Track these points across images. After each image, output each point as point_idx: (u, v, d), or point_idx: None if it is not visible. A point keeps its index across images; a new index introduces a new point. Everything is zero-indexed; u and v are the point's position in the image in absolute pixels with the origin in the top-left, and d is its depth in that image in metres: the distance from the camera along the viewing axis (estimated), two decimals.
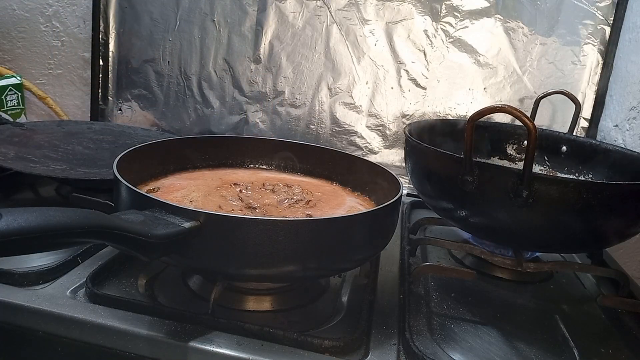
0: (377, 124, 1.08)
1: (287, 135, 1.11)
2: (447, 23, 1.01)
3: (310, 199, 0.67)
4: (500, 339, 0.56)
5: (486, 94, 1.03)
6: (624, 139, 0.90)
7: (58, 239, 0.36)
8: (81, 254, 0.62)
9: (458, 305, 0.63)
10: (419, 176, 0.72)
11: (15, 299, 0.52)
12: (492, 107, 0.55)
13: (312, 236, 0.48)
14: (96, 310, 0.52)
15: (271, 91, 1.11)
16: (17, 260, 0.56)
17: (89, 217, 0.39)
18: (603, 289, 0.72)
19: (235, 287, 0.57)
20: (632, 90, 0.89)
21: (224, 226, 0.47)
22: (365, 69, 1.06)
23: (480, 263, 0.73)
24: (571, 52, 0.99)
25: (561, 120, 1.00)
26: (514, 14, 0.99)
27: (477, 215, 0.63)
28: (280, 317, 0.56)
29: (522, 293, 0.68)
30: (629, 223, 0.61)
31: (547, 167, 0.90)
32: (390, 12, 1.03)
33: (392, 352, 0.51)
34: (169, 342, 0.48)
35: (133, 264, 0.62)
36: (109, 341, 0.50)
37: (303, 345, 0.49)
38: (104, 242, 0.42)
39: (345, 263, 0.56)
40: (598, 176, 0.83)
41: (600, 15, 0.97)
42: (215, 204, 0.61)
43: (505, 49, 1.01)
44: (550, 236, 0.61)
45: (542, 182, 0.56)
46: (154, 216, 0.46)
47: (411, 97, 1.05)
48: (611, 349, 0.57)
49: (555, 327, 0.58)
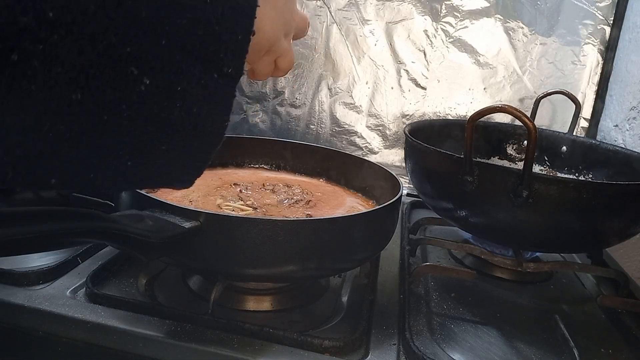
0: (377, 124, 1.08)
1: (287, 135, 1.11)
2: (447, 23, 1.01)
3: (310, 199, 0.67)
4: (500, 339, 0.56)
5: (486, 94, 1.03)
6: (624, 139, 0.90)
7: (58, 239, 0.36)
8: (81, 254, 0.62)
9: (458, 305, 0.63)
10: (419, 176, 0.72)
11: (15, 299, 0.52)
12: (492, 107, 0.55)
13: (312, 236, 0.48)
14: (96, 310, 0.52)
15: (271, 91, 1.11)
16: (17, 260, 0.56)
17: (89, 217, 0.39)
18: (603, 289, 0.72)
19: (235, 287, 0.57)
20: (632, 90, 0.89)
21: (224, 226, 0.47)
22: (365, 69, 1.06)
23: (480, 263, 0.73)
24: (571, 52, 0.99)
25: (561, 120, 1.00)
26: (514, 14, 0.99)
27: (477, 215, 0.63)
28: (280, 317, 0.56)
29: (522, 293, 0.68)
30: (629, 223, 0.61)
31: (547, 167, 0.90)
32: (390, 12, 1.03)
33: (392, 352, 0.51)
34: (169, 342, 0.48)
35: (133, 264, 0.62)
36: (109, 341, 0.50)
37: (303, 345, 0.49)
38: (104, 242, 0.42)
39: (345, 263, 0.56)
40: (598, 176, 0.83)
41: (600, 15, 0.97)
42: (215, 204, 0.61)
43: (505, 49, 1.01)
44: (550, 236, 0.61)
45: (542, 182, 0.56)
46: (154, 216, 0.46)
47: (411, 97, 1.05)
48: (611, 349, 0.57)
49: (555, 327, 0.58)
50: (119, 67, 0.22)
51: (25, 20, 0.19)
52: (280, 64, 0.43)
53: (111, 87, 0.22)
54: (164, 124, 0.26)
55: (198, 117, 0.27)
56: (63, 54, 0.20)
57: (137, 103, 0.24)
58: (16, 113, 0.20)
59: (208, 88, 0.26)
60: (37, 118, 0.21)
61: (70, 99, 0.21)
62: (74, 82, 0.21)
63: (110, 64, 0.22)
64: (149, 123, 0.25)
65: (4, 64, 0.19)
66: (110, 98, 0.23)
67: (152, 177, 0.28)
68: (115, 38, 0.22)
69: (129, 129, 0.24)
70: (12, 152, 0.21)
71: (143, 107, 0.24)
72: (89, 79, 0.22)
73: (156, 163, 0.27)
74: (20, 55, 0.19)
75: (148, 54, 0.23)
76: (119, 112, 0.23)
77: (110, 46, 0.22)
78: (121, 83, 0.23)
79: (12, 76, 0.19)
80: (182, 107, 0.26)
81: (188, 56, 0.25)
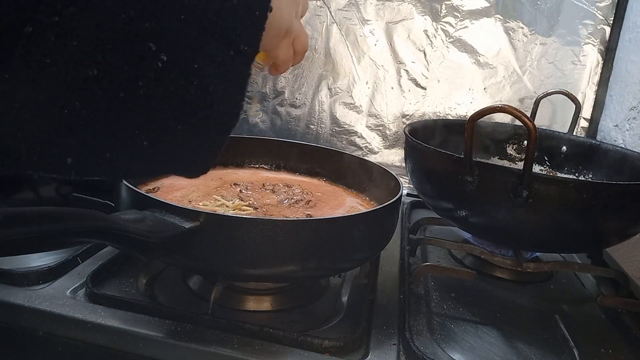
0: (377, 124, 1.08)
1: (287, 135, 1.11)
2: (447, 23, 1.01)
3: (310, 199, 0.67)
4: (500, 339, 0.56)
5: (486, 94, 1.03)
6: (624, 139, 0.90)
7: (58, 239, 0.36)
8: (81, 254, 0.62)
9: (458, 305, 0.63)
10: (419, 176, 0.72)
11: (15, 299, 0.52)
12: (492, 107, 0.55)
13: (312, 236, 0.48)
14: (96, 310, 0.52)
15: (271, 91, 1.11)
16: (17, 260, 0.56)
17: (89, 217, 0.39)
18: (603, 289, 0.72)
19: (235, 287, 0.57)
20: (632, 90, 0.89)
21: (224, 226, 0.47)
22: (365, 69, 1.06)
23: (480, 263, 0.73)
24: (571, 52, 0.99)
25: (561, 120, 1.00)
26: (514, 14, 0.99)
27: (477, 215, 0.63)
28: (280, 317, 0.56)
29: (522, 293, 0.68)
30: (629, 223, 0.61)
31: (547, 167, 0.90)
32: (390, 12, 1.03)
33: (392, 352, 0.51)
34: (169, 342, 0.48)
35: (133, 264, 0.62)
36: (109, 341, 0.50)
37: (303, 345, 0.49)
38: (104, 242, 0.42)
39: (345, 263, 0.56)
40: (598, 176, 0.83)
41: (600, 15, 0.97)
42: (216, 205, 0.61)
43: (505, 49, 1.01)
44: (550, 236, 0.61)
45: (542, 182, 0.56)
46: (154, 216, 0.46)
47: (411, 97, 1.05)
48: (611, 349, 0.57)
49: (555, 327, 0.58)
50: (137, 42, 0.22)
51: None
52: (297, 47, 0.42)
53: (128, 63, 0.22)
54: (180, 103, 0.25)
55: (214, 95, 0.26)
56: (79, 27, 0.20)
57: (154, 80, 0.24)
58: (30, 88, 0.20)
59: (224, 66, 0.26)
60: (52, 93, 0.21)
61: (86, 75, 0.21)
62: (90, 57, 0.21)
63: (129, 39, 0.22)
64: (165, 101, 0.25)
65: (18, 35, 0.18)
66: (126, 75, 0.22)
67: (167, 161, 0.27)
68: (134, 12, 0.21)
69: (145, 107, 0.24)
70: (25, 129, 0.21)
71: (159, 84, 0.24)
72: (106, 54, 0.21)
73: (172, 144, 0.27)
74: (35, 27, 0.19)
75: (166, 29, 0.23)
76: (136, 89, 0.23)
77: (129, 20, 0.21)
78: (138, 59, 0.22)
79: (26, 49, 0.19)
80: (199, 85, 0.25)
81: (204, 32, 0.24)
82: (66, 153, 0.23)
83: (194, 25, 0.24)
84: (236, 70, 0.27)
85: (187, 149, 0.27)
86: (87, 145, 0.24)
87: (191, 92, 0.25)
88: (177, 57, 0.24)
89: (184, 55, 0.24)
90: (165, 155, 0.27)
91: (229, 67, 0.26)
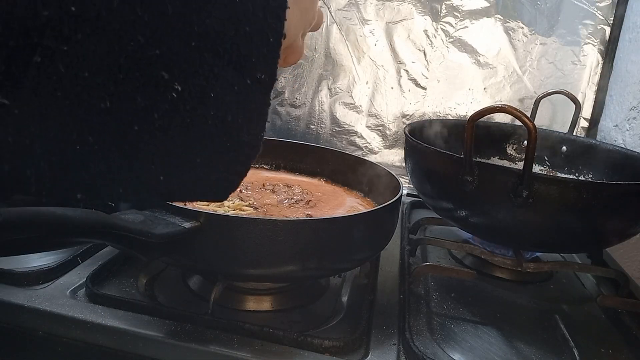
0: (377, 124, 1.08)
1: (287, 135, 1.11)
2: (447, 23, 1.01)
3: (310, 199, 0.67)
4: (500, 339, 0.56)
5: (486, 94, 1.03)
6: (624, 139, 0.90)
7: (58, 239, 0.36)
8: (81, 254, 0.62)
9: (458, 305, 0.63)
10: (419, 176, 0.72)
11: (15, 299, 0.52)
12: (492, 107, 0.55)
13: (312, 236, 0.48)
14: (96, 310, 0.52)
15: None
16: (17, 260, 0.56)
17: (89, 217, 0.39)
18: (603, 289, 0.72)
19: (235, 287, 0.57)
20: (632, 90, 0.89)
21: (224, 226, 0.47)
22: (365, 69, 1.06)
23: (480, 263, 0.73)
24: (571, 52, 0.99)
25: (561, 120, 1.00)
26: (514, 14, 0.99)
27: (477, 215, 0.63)
28: (280, 317, 0.56)
29: (522, 293, 0.68)
30: (629, 223, 0.61)
31: (547, 167, 0.90)
32: (390, 12, 1.03)
33: (392, 352, 0.51)
34: (169, 342, 0.48)
35: (133, 264, 0.62)
36: (109, 341, 0.50)
37: (303, 345, 0.49)
38: (104, 242, 0.42)
39: (345, 263, 0.56)
40: (598, 176, 0.83)
41: (600, 15, 0.97)
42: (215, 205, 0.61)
43: (505, 49, 1.01)
44: (550, 236, 0.61)
45: (542, 182, 0.56)
46: (154, 216, 0.46)
47: (411, 97, 1.05)
48: (611, 349, 0.57)
49: (555, 327, 0.58)
50: (149, 71, 0.21)
51: (47, 14, 0.18)
52: (289, 59, 0.43)
53: (141, 94, 0.21)
54: (197, 135, 0.24)
55: (233, 125, 0.25)
56: (89, 56, 0.19)
57: (169, 111, 0.23)
58: (41, 122, 0.19)
59: (241, 95, 0.25)
60: (63, 128, 0.20)
61: (99, 107, 0.20)
62: (103, 88, 0.20)
63: (140, 68, 0.21)
64: (182, 133, 0.24)
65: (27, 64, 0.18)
66: (140, 106, 0.21)
67: (185, 192, 0.27)
68: (143, 38, 0.20)
69: (161, 140, 0.23)
70: (35, 164, 0.20)
71: (175, 116, 0.23)
72: (118, 85, 0.20)
73: (190, 177, 0.26)
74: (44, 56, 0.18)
75: (178, 56, 0.22)
76: (150, 121, 0.22)
77: (138, 47, 0.20)
78: (151, 89, 0.22)
79: (36, 80, 0.18)
80: (216, 116, 0.24)
81: (219, 60, 0.23)
82: (77, 188, 0.23)
83: (207, 53, 0.23)
84: (255, 100, 0.26)
85: (206, 180, 0.27)
86: (99, 180, 0.23)
87: (209, 123, 0.24)
88: (192, 86, 0.23)
89: (199, 84, 0.23)
90: (183, 188, 0.26)
91: (246, 96, 0.25)
